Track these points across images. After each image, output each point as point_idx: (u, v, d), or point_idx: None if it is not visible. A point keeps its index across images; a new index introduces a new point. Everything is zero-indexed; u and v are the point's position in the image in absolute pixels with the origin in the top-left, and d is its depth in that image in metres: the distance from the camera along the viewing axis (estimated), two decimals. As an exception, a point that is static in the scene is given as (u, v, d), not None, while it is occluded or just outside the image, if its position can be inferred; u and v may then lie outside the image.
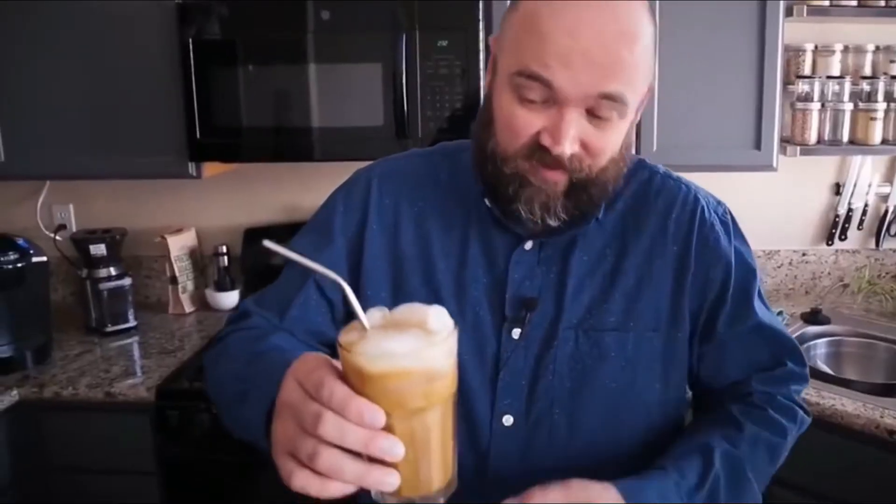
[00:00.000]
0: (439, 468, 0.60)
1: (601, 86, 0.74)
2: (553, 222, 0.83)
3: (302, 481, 0.57)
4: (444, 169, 0.96)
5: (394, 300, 0.90)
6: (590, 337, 0.88)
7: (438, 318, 0.59)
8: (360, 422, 0.55)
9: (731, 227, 0.94)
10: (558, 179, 0.81)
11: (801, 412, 0.93)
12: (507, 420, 0.88)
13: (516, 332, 0.88)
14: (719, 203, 0.96)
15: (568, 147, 0.77)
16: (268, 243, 0.60)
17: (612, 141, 0.80)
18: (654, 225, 0.91)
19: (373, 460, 0.56)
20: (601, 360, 0.88)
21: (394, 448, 0.55)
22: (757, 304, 0.93)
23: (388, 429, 0.56)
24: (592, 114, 0.77)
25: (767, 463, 0.89)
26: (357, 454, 0.56)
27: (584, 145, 0.78)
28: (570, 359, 0.88)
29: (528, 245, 0.90)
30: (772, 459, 0.90)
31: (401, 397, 0.56)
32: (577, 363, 0.88)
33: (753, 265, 0.94)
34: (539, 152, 0.79)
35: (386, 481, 0.56)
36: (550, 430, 0.88)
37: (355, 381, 0.56)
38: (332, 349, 0.64)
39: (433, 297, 0.89)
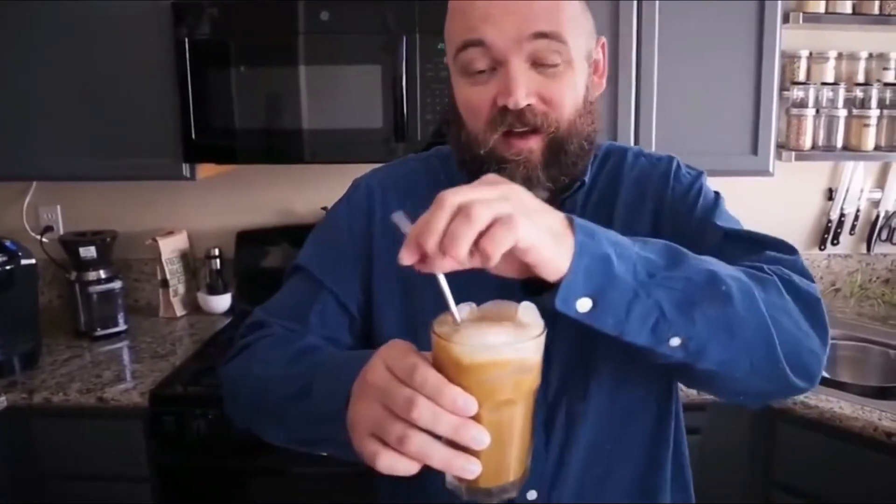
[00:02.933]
0: (517, 460, 0.62)
1: (529, 27, 0.78)
2: (541, 194, 0.82)
3: (388, 461, 0.59)
4: (443, 171, 0.96)
5: (405, 309, 0.91)
6: None
7: (529, 314, 0.61)
8: (453, 409, 0.57)
9: (703, 178, 0.94)
10: (533, 146, 0.82)
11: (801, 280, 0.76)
12: None
13: None
14: (693, 168, 0.96)
15: (522, 96, 0.79)
16: (396, 217, 0.60)
17: (567, 90, 0.82)
18: (631, 190, 0.92)
19: (455, 447, 0.58)
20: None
21: (482, 437, 0.58)
22: (725, 216, 0.88)
23: (475, 419, 0.58)
24: (538, 64, 0.80)
25: (765, 291, 0.71)
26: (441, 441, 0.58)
27: (542, 98, 0.81)
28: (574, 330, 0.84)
29: None
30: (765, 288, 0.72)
31: (492, 388, 0.58)
32: (580, 332, 0.84)
33: (717, 194, 0.93)
34: (502, 117, 0.81)
35: (469, 468, 0.59)
36: (568, 410, 0.87)
37: (450, 370, 0.58)
38: None
39: (445, 305, 0.88)
